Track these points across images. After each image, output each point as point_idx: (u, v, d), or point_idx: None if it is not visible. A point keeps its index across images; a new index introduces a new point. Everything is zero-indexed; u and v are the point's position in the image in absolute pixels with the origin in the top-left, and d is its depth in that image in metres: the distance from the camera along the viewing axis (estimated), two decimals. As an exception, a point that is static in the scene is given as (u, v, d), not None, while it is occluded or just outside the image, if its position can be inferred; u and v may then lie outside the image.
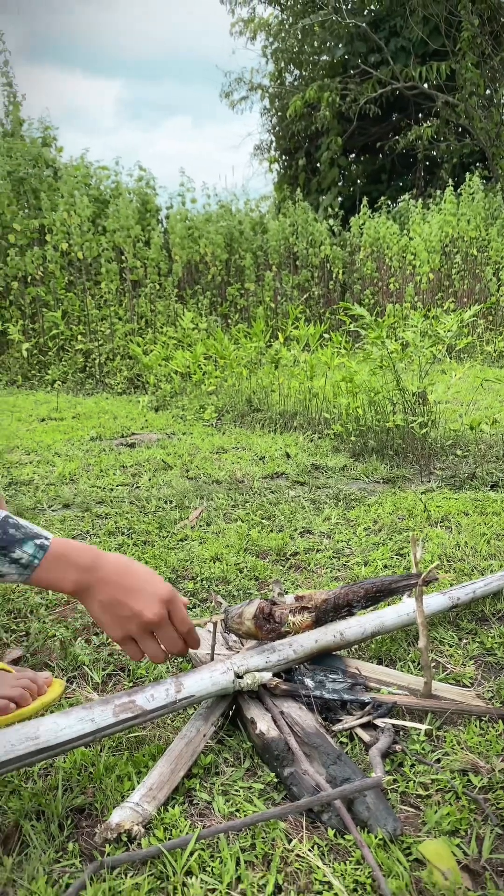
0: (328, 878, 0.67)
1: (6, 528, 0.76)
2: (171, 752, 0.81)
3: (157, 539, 1.68)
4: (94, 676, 1.05)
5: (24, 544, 0.77)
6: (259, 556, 1.56)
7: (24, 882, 0.67)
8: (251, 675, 0.89)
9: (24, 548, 0.77)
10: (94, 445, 2.88)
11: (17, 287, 5.28)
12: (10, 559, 0.76)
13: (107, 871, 0.67)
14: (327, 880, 0.67)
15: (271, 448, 2.76)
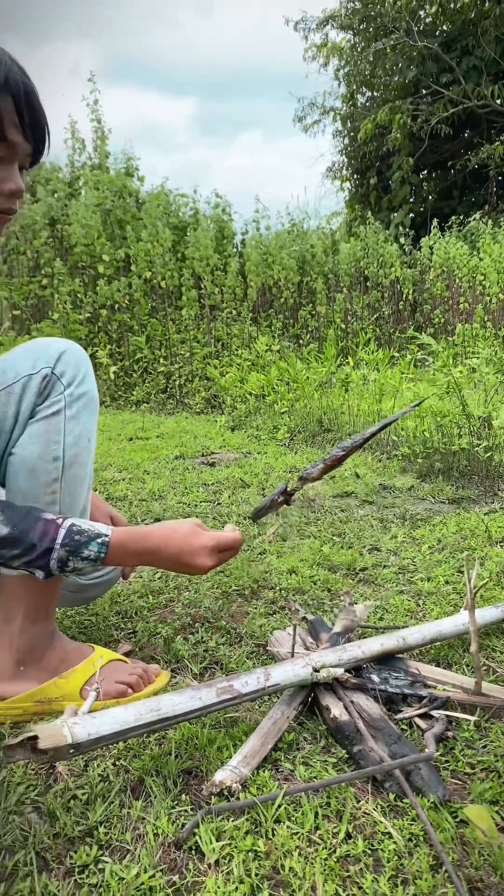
0: (389, 830, 0.84)
1: (72, 536, 0.98)
2: (260, 729, 1.00)
3: (239, 552, 1.88)
4: (192, 668, 1.25)
5: (89, 545, 0.99)
6: (331, 570, 1.74)
7: (150, 819, 0.86)
8: (326, 669, 1.07)
9: (89, 547, 0.99)
10: (178, 464, 3.11)
11: (106, 314, 5.63)
12: (81, 558, 0.99)
13: (213, 815, 0.86)
14: (388, 831, 0.84)
15: (342, 468, 2.93)
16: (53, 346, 1.07)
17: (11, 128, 0.94)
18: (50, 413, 1.06)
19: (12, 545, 0.96)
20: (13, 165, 0.99)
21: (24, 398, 1.04)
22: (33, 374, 1.04)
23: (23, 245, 6.05)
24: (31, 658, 1.10)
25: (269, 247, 6.57)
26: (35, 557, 0.97)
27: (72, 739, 0.82)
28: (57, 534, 0.98)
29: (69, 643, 1.16)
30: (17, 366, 1.05)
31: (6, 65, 0.93)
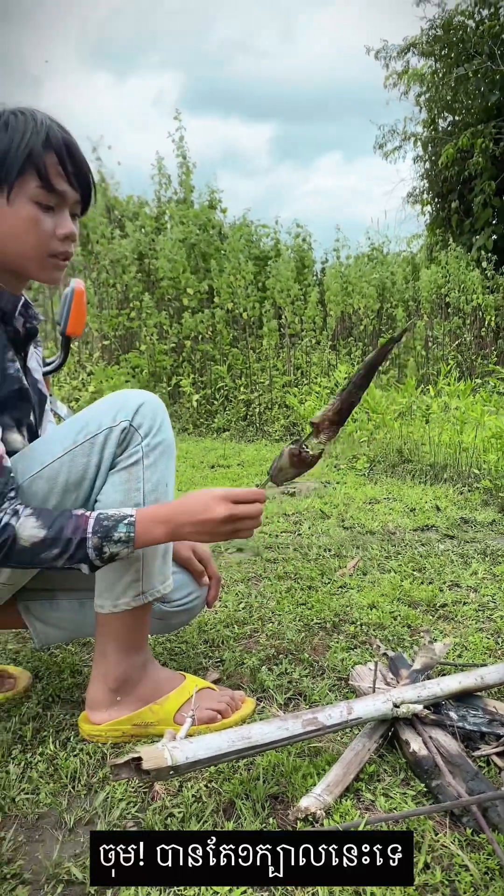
0: (465, 863, 0.89)
1: (101, 522, 1.07)
2: (343, 760, 1.06)
3: (319, 585, 1.94)
4: (277, 698, 1.32)
5: (117, 528, 1.07)
6: (411, 606, 1.78)
7: (240, 840, 0.93)
8: (406, 705, 1.12)
9: (118, 530, 1.07)
10: (258, 493, 3.20)
11: (189, 344, 5.83)
12: (113, 541, 1.07)
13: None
14: (465, 864, 0.89)
15: (422, 500, 2.95)
16: (133, 400, 1.15)
17: (58, 178, 1.09)
18: (129, 463, 1.14)
19: (52, 545, 1.05)
20: (64, 212, 1.13)
21: (106, 449, 1.14)
22: (114, 426, 1.13)
23: (112, 279, 6.34)
24: (126, 688, 1.20)
25: (348, 276, 6.65)
26: (73, 551, 1.06)
27: (172, 762, 0.91)
28: (87, 524, 1.07)
29: (162, 671, 1.26)
30: (100, 418, 1.14)
31: (46, 124, 1.09)
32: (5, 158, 1.06)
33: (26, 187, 1.08)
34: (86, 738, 1.19)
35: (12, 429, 1.19)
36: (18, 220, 1.09)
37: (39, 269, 1.14)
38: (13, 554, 1.04)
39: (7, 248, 1.11)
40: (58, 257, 1.14)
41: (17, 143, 1.06)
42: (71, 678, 1.43)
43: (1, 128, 1.06)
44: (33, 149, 1.06)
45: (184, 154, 7.44)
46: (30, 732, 1.20)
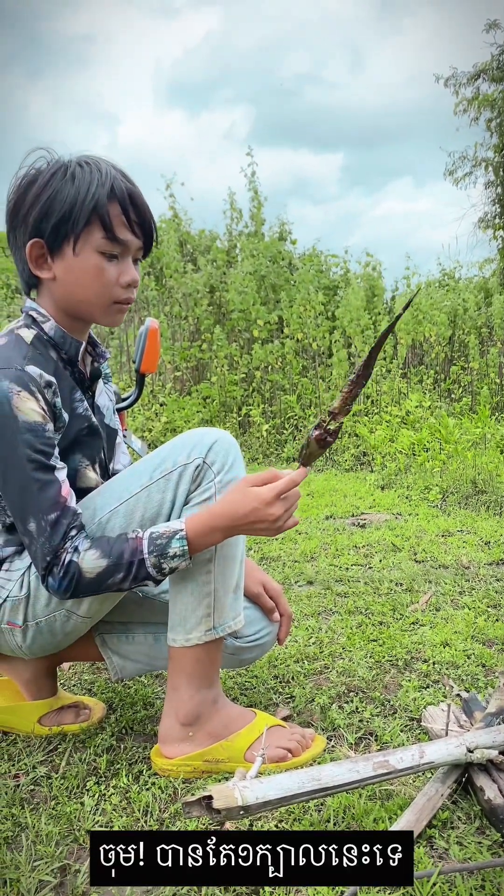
0: (545, 920, 0.86)
1: (154, 542, 1.10)
2: (415, 805, 1.04)
3: (391, 621, 1.92)
4: (348, 738, 1.31)
5: (171, 544, 1.10)
6: (485, 644, 1.73)
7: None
8: (480, 750, 1.10)
9: (172, 546, 1.10)
10: (328, 524, 3.19)
11: (259, 375, 5.90)
12: (169, 557, 1.10)
13: (370, 887, 0.91)
14: (544, 922, 0.86)
15: (497, 532, 2.88)
16: (206, 438, 1.18)
17: (122, 228, 1.14)
18: (203, 499, 1.17)
19: (115, 571, 1.10)
20: (127, 260, 1.18)
21: (180, 486, 1.17)
22: (188, 463, 1.17)
23: (185, 312, 6.49)
24: (198, 723, 1.21)
25: (419, 303, 6.61)
26: (136, 572, 1.10)
27: (242, 802, 0.92)
28: (142, 545, 1.10)
29: (233, 708, 1.26)
30: (175, 456, 1.18)
31: (111, 175, 1.14)
32: (72, 210, 1.11)
33: (92, 238, 1.13)
34: (158, 772, 1.21)
35: (87, 467, 1.24)
36: (84, 270, 1.15)
37: (103, 315, 1.20)
38: (82, 587, 1.10)
39: (73, 296, 1.18)
40: (121, 303, 1.19)
41: (84, 195, 1.11)
42: (144, 710, 1.45)
43: (68, 179, 1.12)
44: (98, 200, 1.11)
45: (255, 188, 7.59)
46: (104, 764, 1.23)
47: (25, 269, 1.17)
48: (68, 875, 0.97)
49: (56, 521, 1.10)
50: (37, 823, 1.07)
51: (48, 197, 1.11)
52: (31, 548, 1.11)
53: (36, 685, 1.38)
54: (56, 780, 1.19)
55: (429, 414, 5.22)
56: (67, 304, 1.19)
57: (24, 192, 1.13)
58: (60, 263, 1.15)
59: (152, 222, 1.20)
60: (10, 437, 1.09)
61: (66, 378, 1.20)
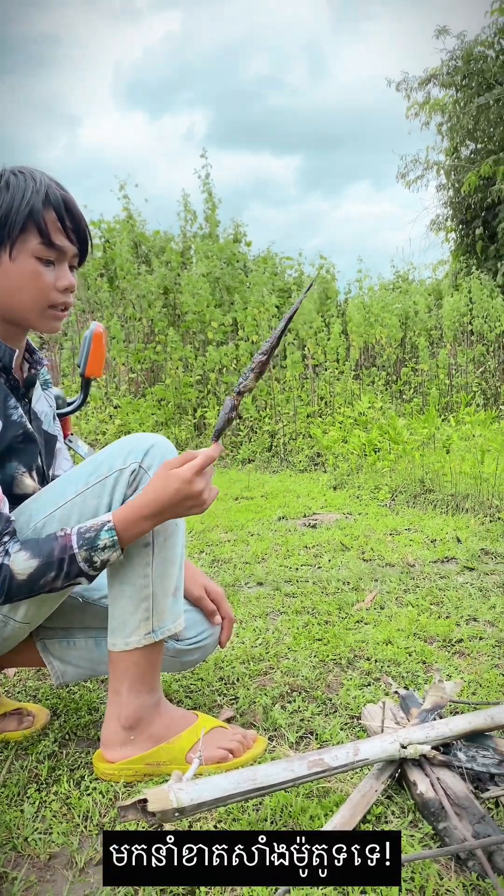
0: (470, 908, 0.89)
1: (83, 535, 1.11)
2: (350, 801, 1.07)
3: (336, 619, 1.95)
4: (289, 737, 1.33)
5: (100, 536, 1.11)
6: (426, 641, 1.78)
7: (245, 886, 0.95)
8: (413, 746, 1.13)
9: (101, 538, 1.11)
10: (280, 525, 3.22)
11: (214, 377, 5.91)
12: (100, 549, 1.11)
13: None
14: (469, 909, 0.89)
15: (442, 531, 2.94)
16: (143, 442, 1.20)
17: (57, 234, 1.16)
18: None
19: (46, 570, 1.10)
20: (64, 265, 1.20)
21: (116, 490, 1.18)
22: (124, 468, 1.18)
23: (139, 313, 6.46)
24: (139, 727, 1.22)
25: (371, 307, 6.70)
26: (67, 569, 1.11)
27: (177, 804, 0.93)
28: (71, 541, 1.11)
29: (175, 710, 1.28)
30: (111, 461, 1.19)
31: (45, 183, 1.16)
32: (7, 217, 1.13)
33: (28, 243, 1.14)
34: (100, 776, 1.21)
35: (24, 473, 1.24)
36: (21, 275, 1.16)
37: (39, 320, 1.21)
38: (14, 589, 1.10)
39: (9, 301, 1.18)
40: (57, 307, 1.20)
41: (19, 202, 1.13)
42: (88, 715, 1.45)
43: (2, 188, 1.13)
44: (34, 207, 1.13)
45: (210, 190, 7.61)
46: (45, 771, 1.23)
47: None
48: (4, 883, 0.97)
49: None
50: (-25, 832, 1.07)
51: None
52: None
53: (-23, 693, 1.37)
54: (-4, 788, 1.18)
55: (380, 415, 5.29)
56: (3, 310, 1.19)
57: None
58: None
59: (87, 229, 1.22)
60: None
61: (0, 385, 1.20)
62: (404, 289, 8.13)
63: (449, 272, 11.60)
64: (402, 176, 12.87)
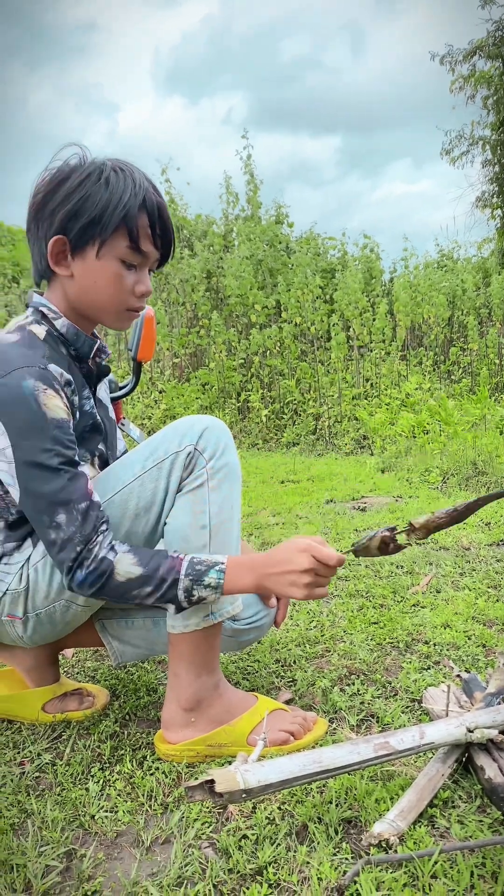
0: (545, 896, 0.87)
1: (194, 566, 1.11)
2: (416, 785, 1.05)
3: (392, 603, 1.93)
4: (350, 720, 1.32)
5: (209, 573, 1.11)
6: (485, 625, 1.74)
7: (314, 864, 0.94)
8: (480, 730, 1.10)
9: (209, 575, 1.11)
10: (328, 509, 3.20)
11: (258, 360, 5.89)
12: (203, 585, 1.11)
13: (373, 865, 0.92)
14: (544, 897, 0.87)
15: (497, 514, 2.88)
16: (197, 425, 1.19)
17: (146, 240, 1.16)
18: (195, 486, 1.18)
19: (146, 583, 1.10)
20: (144, 270, 1.20)
21: (172, 474, 1.17)
22: (179, 451, 1.17)
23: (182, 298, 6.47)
24: (199, 708, 1.22)
25: (417, 285, 6.58)
26: (165, 591, 1.11)
27: (244, 785, 0.92)
28: (181, 566, 1.11)
29: (235, 693, 1.27)
30: (166, 444, 1.18)
31: (144, 186, 1.15)
32: (102, 215, 1.12)
33: (116, 245, 1.14)
34: (161, 757, 1.22)
35: (87, 462, 1.25)
36: (103, 274, 1.16)
37: (113, 320, 1.22)
38: (108, 587, 1.10)
39: (87, 298, 1.19)
40: (131, 311, 1.21)
41: (116, 202, 1.12)
42: (147, 696, 1.46)
43: (101, 183, 1.12)
44: (129, 210, 1.12)
45: (251, 172, 7.55)
46: (108, 750, 1.24)
47: (43, 262, 1.18)
48: (74, 860, 0.98)
49: (86, 510, 1.10)
50: (42, 810, 1.08)
51: (80, 198, 1.12)
52: (55, 542, 1.10)
53: (38, 673, 1.39)
54: (61, 766, 1.20)
55: (428, 396, 5.21)
56: (80, 304, 1.20)
57: (56, 187, 1.13)
58: (80, 263, 1.16)
59: (173, 237, 1.22)
60: (40, 434, 1.09)
61: (77, 375, 1.21)
62: (450, 267, 7.97)
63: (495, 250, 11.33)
64: (447, 152, 12.55)
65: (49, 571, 1.18)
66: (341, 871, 0.92)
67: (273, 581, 1.13)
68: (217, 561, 1.13)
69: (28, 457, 1.09)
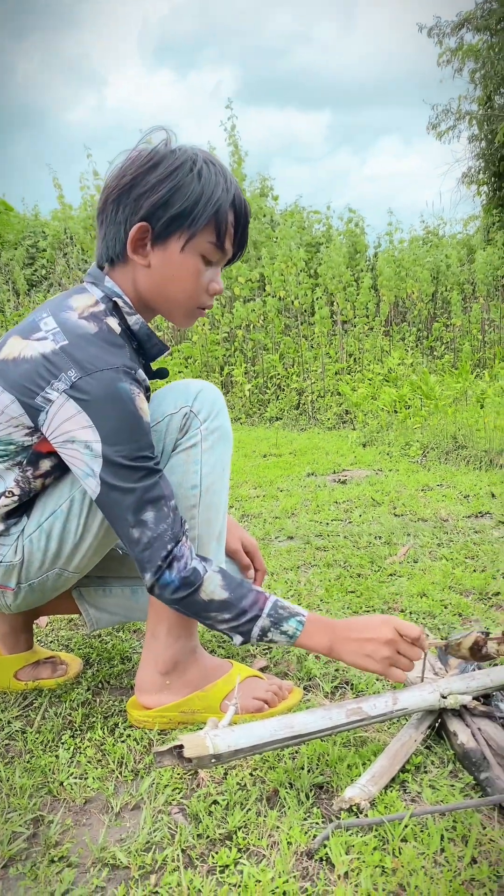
0: (514, 858, 0.87)
1: (277, 609, 1.10)
2: (389, 750, 1.05)
3: (369, 573, 1.92)
4: (324, 687, 1.31)
5: (289, 620, 1.10)
6: (462, 594, 1.74)
7: (284, 829, 0.93)
8: (453, 696, 1.10)
9: (289, 623, 1.10)
10: (310, 481, 3.19)
11: (241, 334, 5.84)
12: (280, 631, 1.09)
13: (343, 829, 0.92)
14: (513, 859, 0.87)
15: (476, 486, 2.89)
16: (192, 387, 1.18)
17: (228, 238, 1.13)
18: (188, 445, 1.16)
19: (227, 609, 1.08)
20: (218, 269, 1.17)
21: (168, 434, 1.16)
22: (174, 413, 1.16)
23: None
24: (175, 672, 1.21)
25: (401, 260, 6.54)
26: (242, 623, 1.09)
27: (213, 750, 0.91)
28: (265, 605, 1.10)
29: (211, 659, 1.26)
30: (163, 406, 1.17)
31: (234, 183, 1.12)
32: (194, 208, 1.08)
33: (201, 240, 1.11)
34: (133, 723, 1.20)
35: None
36: (183, 268, 1.12)
37: (183, 316, 1.19)
38: (190, 600, 1.08)
39: (162, 290, 1.15)
40: (202, 308, 1.18)
41: (209, 196, 1.08)
42: (121, 665, 1.45)
43: (194, 175, 1.08)
44: (221, 206, 1.09)
45: (235, 143, 7.43)
46: (79, 718, 1.23)
47: (118, 246, 1.12)
48: (41, 826, 0.96)
49: (176, 508, 1.08)
50: (11, 777, 1.06)
51: (172, 187, 1.07)
52: (140, 541, 1.06)
53: (12, 639, 1.37)
54: (31, 734, 1.18)
55: (411, 371, 5.20)
56: (152, 295, 1.15)
57: (146, 173, 1.08)
58: (161, 254, 1.11)
59: (248, 238, 1.19)
60: (141, 436, 1.05)
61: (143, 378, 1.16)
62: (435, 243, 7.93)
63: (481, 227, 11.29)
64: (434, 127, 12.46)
65: (44, 541, 1.16)
66: (311, 836, 0.92)
67: (349, 648, 1.11)
68: (299, 612, 1.12)
69: (124, 456, 1.04)
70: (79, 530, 1.14)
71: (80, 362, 1.04)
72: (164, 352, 1.21)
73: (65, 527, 1.14)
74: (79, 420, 1.04)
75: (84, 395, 1.03)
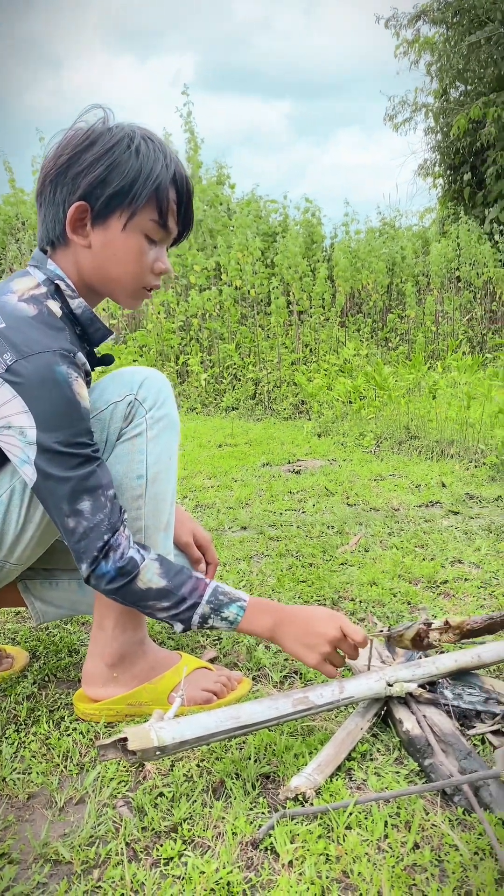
0: (456, 843, 0.88)
1: (217, 595, 1.08)
2: (335, 739, 1.05)
3: (321, 562, 1.93)
4: (273, 677, 1.31)
5: (229, 606, 1.09)
6: (411, 583, 1.76)
7: (230, 819, 0.93)
8: (399, 684, 1.11)
9: (229, 609, 1.09)
10: (264, 472, 3.19)
11: (197, 322, 5.79)
12: (220, 617, 1.08)
13: (288, 818, 0.92)
14: (455, 844, 0.88)
15: (427, 476, 2.92)
16: (137, 375, 1.16)
17: (171, 216, 1.11)
18: (133, 435, 1.14)
19: (165, 597, 1.07)
20: (163, 247, 1.14)
21: (112, 423, 1.14)
22: (119, 401, 1.14)
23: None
24: (123, 664, 1.19)
25: (357, 251, 6.57)
26: (182, 610, 1.07)
27: (158, 742, 0.90)
28: (205, 591, 1.08)
29: (159, 651, 1.25)
30: (107, 395, 1.14)
31: (173, 159, 1.09)
32: (133, 185, 1.05)
33: (143, 218, 1.08)
34: (80, 717, 1.19)
35: None
36: (126, 248, 1.09)
37: (128, 297, 1.16)
38: (127, 589, 1.06)
39: (104, 271, 1.12)
40: (147, 289, 1.15)
41: (147, 172, 1.05)
42: (68, 657, 1.43)
43: (132, 152, 1.05)
44: (161, 183, 1.07)
45: (192, 129, 7.35)
46: (24, 712, 1.21)
47: (58, 227, 1.09)
48: (-18, 823, 0.94)
49: (114, 497, 1.06)
50: (-49, 773, 1.04)
51: (109, 164, 1.04)
52: (76, 531, 1.03)
53: (-46, 635, 1.34)
54: (-26, 729, 1.16)
55: (365, 362, 5.23)
56: (94, 276, 1.12)
57: (82, 151, 1.05)
58: (101, 234, 1.09)
59: (193, 217, 1.16)
60: (77, 421, 1.02)
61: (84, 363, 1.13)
62: (391, 235, 7.99)
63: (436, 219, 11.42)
64: (390, 118, 12.53)
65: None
66: (257, 826, 0.92)
67: (290, 636, 1.10)
68: (240, 597, 1.10)
69: (59, 442, 1.01)
70: (20, 521, 1.12)
71: (16, 345, 1.01)
72: (108, 336, 1.18)
73: (5, 518, 1.11)
74: (14, 405, 1.01)
75: (19, 379, 1.00)
